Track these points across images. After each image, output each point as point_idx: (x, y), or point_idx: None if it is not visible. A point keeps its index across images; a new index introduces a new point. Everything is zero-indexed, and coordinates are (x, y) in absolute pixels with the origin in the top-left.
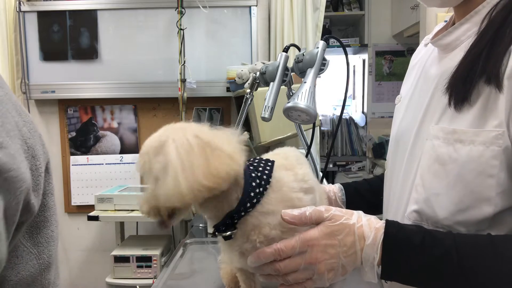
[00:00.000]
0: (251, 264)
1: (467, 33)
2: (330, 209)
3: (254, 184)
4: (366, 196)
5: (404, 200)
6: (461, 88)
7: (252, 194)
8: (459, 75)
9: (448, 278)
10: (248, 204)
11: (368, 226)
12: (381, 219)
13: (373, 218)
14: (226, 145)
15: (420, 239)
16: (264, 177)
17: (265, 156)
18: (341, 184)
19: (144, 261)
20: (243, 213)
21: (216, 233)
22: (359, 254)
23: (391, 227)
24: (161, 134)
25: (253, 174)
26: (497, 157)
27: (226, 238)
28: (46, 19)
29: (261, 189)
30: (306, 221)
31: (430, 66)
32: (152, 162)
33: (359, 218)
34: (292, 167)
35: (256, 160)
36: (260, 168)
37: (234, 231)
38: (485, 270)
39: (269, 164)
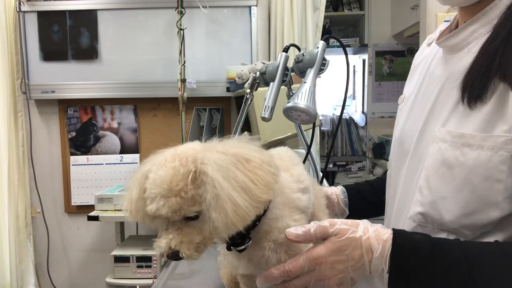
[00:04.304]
0: (260, 285)
1: (474, 34)
2: (335, 223)
3: None
4: (368, 198)
5: (408, 201)
6: (477, 84)
7: None
8: (476, 71)
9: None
10: (262, 213)
11: (375, 238)
12: (383, 220)
13: (379, 227)
14: (256, 153)
15: (428, 249)
16: None
17: None
18: (343, 186)
19: (144, 261)
20: (257, 223)
21: (231, 247)
22: (367, 265)
23: (399, 238)
24: (183, 164)
25: None
26: (505, 162)
27: (241, 251)
28: (46, 19)
29: None
30: (311, 238)
31: (435, 67)
32: (196, 196)
33: (365, 230)
34: (287, 168)
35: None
36: None
37: (249, 242)
38: (495, 279)
39: None
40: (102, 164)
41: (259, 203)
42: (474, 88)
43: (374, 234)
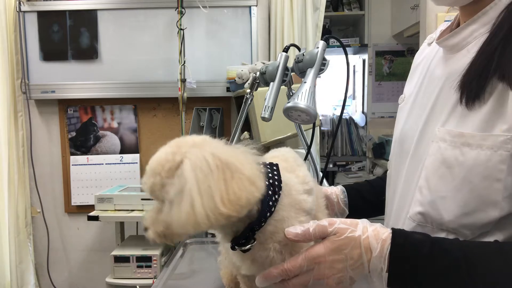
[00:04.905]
0: (259, 284)
1: (474, 34)
2: (334, 222)
3: (270, 192)
4: (368, 198)
5: (407, 201)
6: (475, 85)
7: (270, 203)
8: (473, 72)
9: (457, 287)
10: (268, 214)
11: (374, 237)
12: (383, 220)
13: (379, 227)
14: (246, 166)
15: (427, 248)
16: (276, 183)
17: (263, 159)
18: (343, 186)
19: (144, 261)
20: (263, 224)
21: (236, 247)
22: (366, 265)
23: (398, 237)
24: (174, 151)
25: (267, 182)
26: (504, 162)
27: (245, 251)
28: (46, 19)
29: (276, 196)
30: (310, 238)
31: (436, 66)
32: (166, 184)
33: (364, 229)
34: (292, 169)
35: (261, 166)
36: (270, 175)
37: (254, 243)
38: (494, 278)
39: (275, 168)
40: (102, 164)
41: (218, 215)
42: (471, 89)
43: (373, 234)
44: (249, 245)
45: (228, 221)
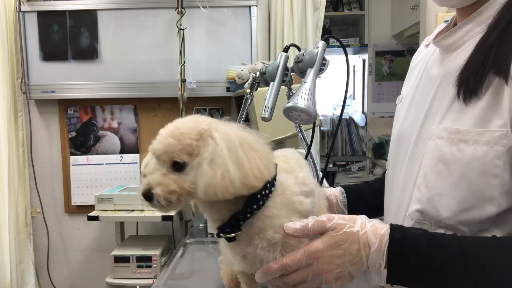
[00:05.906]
0: (259, 280)
1: (469, 33)
2: (332, 218)
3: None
4: (367, 198)
5: (406, 200)
6: (472, 80)
7: (258, 196)
8: (470, 67)
9: (454, 282)
10: (255, 206)
11: (373, 232)
12: (382, 220)
13: (377, 223)
14: (262, 147)
15: (425, 243)
16: (269, 179)
17: None
18: (342, 187)
19: (144, 261)
20: (249, 215)
21: (220, 234)
22: (365, 260)
23: (396, 233)
24: (197, 121)
25: None
26: (501, 157)
27: (230, 240)
28: (46, 19)
29: (266, 191)
30: (309, 233)
31: (432, 66)
32: (194, 147)
33: (362, 225)
34: (292, 170)
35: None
36: None
37: (239, 232)
38: (492, 273)
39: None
40: (102, 164)
41: (246, 185)
42: (469, 84)
43: (371, 229)
44: (233, 234)
45: (248, 191)
